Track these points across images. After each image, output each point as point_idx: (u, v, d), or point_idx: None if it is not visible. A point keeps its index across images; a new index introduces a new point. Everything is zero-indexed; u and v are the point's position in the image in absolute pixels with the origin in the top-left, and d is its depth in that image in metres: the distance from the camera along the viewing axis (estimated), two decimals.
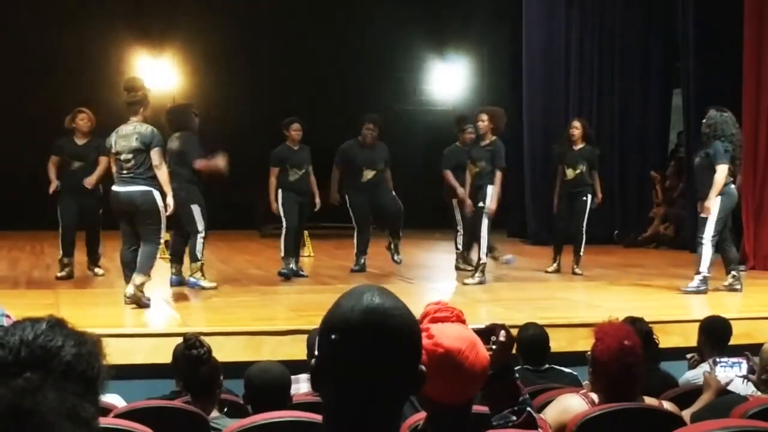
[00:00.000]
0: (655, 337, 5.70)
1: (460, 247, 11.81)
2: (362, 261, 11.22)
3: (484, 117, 10.34)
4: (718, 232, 9.59)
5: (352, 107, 14.20)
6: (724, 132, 9.64)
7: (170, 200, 8.13)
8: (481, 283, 10.12)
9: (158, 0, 15.40)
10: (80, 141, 10.29)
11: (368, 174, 11.19)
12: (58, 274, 10.06)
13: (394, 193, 11.24)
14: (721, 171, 9.51)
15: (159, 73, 16.19)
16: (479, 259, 10.31)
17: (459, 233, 11.74)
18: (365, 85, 16.76)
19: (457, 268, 11.63)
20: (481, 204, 10.26)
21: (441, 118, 18.28)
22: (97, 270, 10.54)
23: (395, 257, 11.11)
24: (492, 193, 10.20)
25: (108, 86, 15.25)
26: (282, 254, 10.31)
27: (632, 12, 15.60)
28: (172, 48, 16.15)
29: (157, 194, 8.08)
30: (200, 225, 9.49)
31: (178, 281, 9.75)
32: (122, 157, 8.20)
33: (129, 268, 8.12)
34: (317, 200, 10.83)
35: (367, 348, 1.76)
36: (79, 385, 2.03)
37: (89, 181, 10.05)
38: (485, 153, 10.28)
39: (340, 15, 16.48)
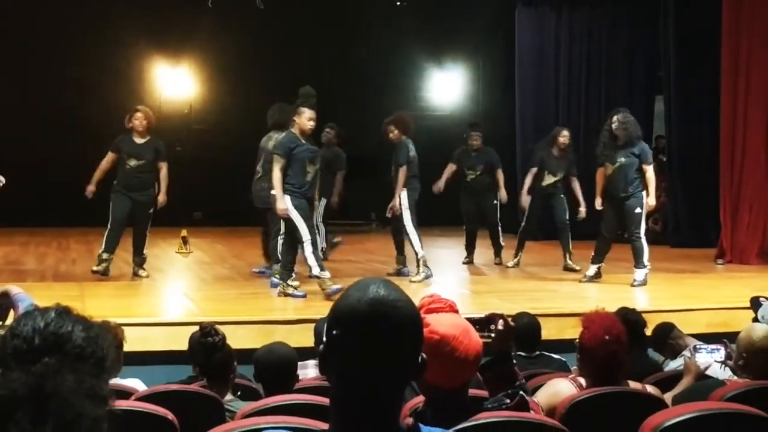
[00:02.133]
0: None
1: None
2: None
3: (391, 127, 10.47)
4: None
5: (356, 114, 14.24)
6: (638, 133, 9.75)
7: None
8: (427, 277, 9.76)
9: (176, 12, 15.38)
10: (139, 140, 9.71)
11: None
12: (94, 268, 9.52)
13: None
14: (652, 170, 9.77)
15: (176, 81, 16.18)
16: (416, 254, 10.00)
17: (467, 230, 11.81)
18: (368, 92, 16.76)
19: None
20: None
21: (439, 122, 18.27)
22: (141, 272, 9.84)
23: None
24: (397, 192, 10.19)
25: (129, 94, 15.28)
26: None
27: (618, 24, 15.62)
28: (188, 58, 16.14)
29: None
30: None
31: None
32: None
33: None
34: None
35: (372, 337, 1.76)
36: (92, 366, 2.04)
37: (162, 201, 9.69)
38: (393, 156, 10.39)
39: (345, 27, 16.47)
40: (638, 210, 9.64)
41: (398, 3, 17.17)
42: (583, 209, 11.25)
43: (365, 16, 16.52)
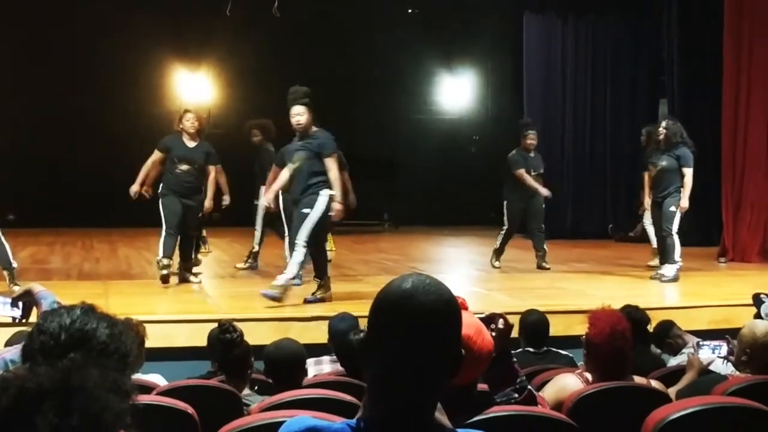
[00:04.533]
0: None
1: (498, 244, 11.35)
2: None
3: (255, 131, 10.34)
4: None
5: (368, 118, 14.26)
6: (685, 138, 9.75)
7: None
8: (252, 268, 9.53)
9: (195, 20, 15.41)
10: (190, 143, 9.17)
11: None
12: (164, 273, 8.85)
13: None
14: (691, 173, 9.75)
15: (195, 87, 16.21)
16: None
17: (501, 232, 11.39)
18: (380, 97, 16.78)
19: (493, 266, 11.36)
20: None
21: (449, 126, 18.30)
22: (192, 278, 9.30)
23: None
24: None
25: (149, 99, 15.34)
26: None
27: (622, 30, 15.61)
28: (207, 64, 16.18)
29: None
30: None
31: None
32: None
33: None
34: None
35: (409, 325, 1.77)
36: (116, 361, 2.05)
37: (208, 208, 9.35)
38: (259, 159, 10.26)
39: (358, 34, 16.49)
40: (672, 208, 9.73)
41: (409, 11, 17.18)
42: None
43: (377, 23, 16.54)
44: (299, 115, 7.97)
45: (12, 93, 14.93)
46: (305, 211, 7.80)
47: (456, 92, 18.26)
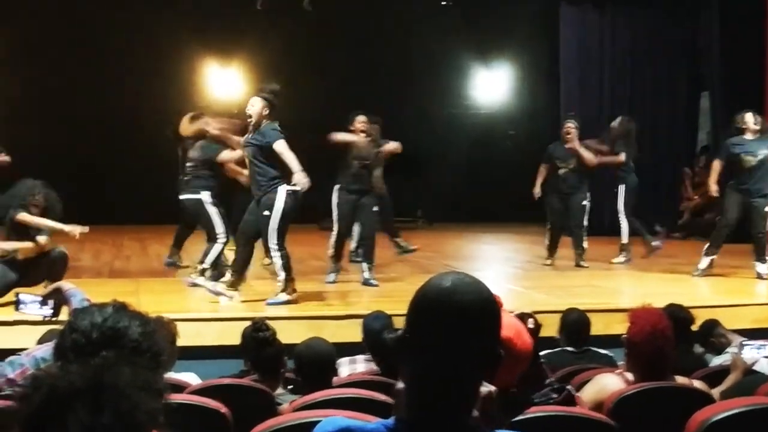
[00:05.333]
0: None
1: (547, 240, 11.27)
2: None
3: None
4: None
5: (401, 112, 14.24)
6: None
7: None
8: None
9: (225, 14, 15.48)
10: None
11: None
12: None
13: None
14: None
15: (226, 82, 16.26)
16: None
17: (547, 230, 11.27)
18: (413, 91, 16.76)
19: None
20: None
21: (485, 120, 18.24)
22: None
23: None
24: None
25: (179, 95, 15.40)
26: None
27: (661, 20, 15.46)
28: (238, 59, 16.23)
29: None
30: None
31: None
32: None
33: None
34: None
35: (446, 322, 1.78)
36: (148, 360, 2.06)
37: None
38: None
39: (391, 27, 16.47)
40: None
41: (443, 2, 17.14)
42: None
43: (411, 16, 16.52)
44: (252, 105, 7.90)
45: (43, 91, 15.09)
46: (266, 213, 7.72)
47: (491, 86, 18.19)
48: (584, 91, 15.36)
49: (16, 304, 4.11)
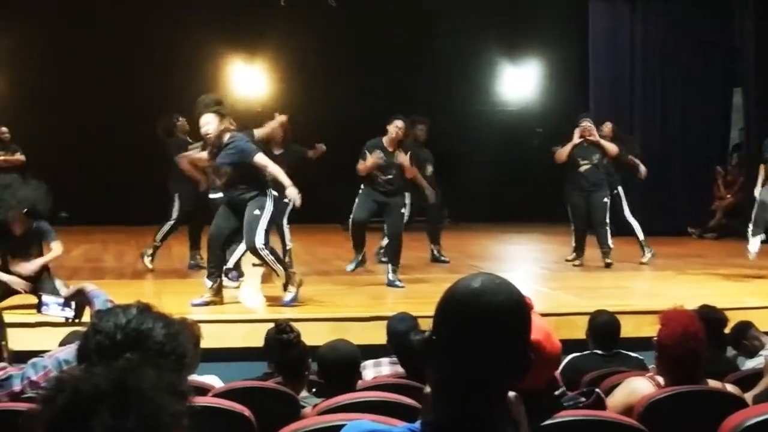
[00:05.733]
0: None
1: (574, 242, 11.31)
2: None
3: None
4: None
5: (428, 110, 14.15)
6: None
7: None
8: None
9: (250, 11, 15.52)
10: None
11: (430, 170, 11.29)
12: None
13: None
14: None
15: (249, 80, 16.31)
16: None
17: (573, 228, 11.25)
18: (440, 87, 16.74)
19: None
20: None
21: (511, 118, 18.18)
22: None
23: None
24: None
25: (203, 92, 15.44)
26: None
27: (693, 14, 15.35)
28: (262, 56, 16.27)
29: None
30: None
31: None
32: None
33: None
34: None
35: (472, 327, 1.77)
36: (172, 362, 2.07)
37: None
38: None
39: (417, 23, 16.45)
40: None
41: None
42: None
43: (437, 12, 16.49)
44: (208, 124, 7.66)
45: (66, 90, 15.19)
46: (256, 213, 7.68)
47: (519, 83, 18.14)
48: (614, 88, 15.28)
49: (38, 305, 4.14)
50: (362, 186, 9.50)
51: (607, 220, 10.86)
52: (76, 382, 1.53)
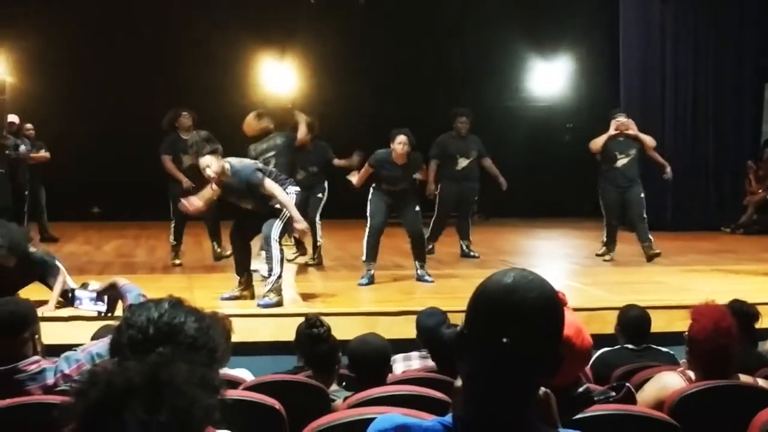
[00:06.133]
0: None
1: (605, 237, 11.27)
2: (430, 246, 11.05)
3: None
4: None
5: (458, 105, 14.12)
6: None
7: None
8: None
9: (280, 8, 15.56)
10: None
11: (462, 163, 11.29)
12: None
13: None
14: None
15: (280, 76, 16.35)
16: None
17: (605, 223, 11.19)
18: (469, 83, 16.69)
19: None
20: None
21: (541, 114, 18.10)
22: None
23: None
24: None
25: (234, 88, 15.52)
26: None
27: (725, 9, 15.24)
28: (292, 53, 16.30)
29: None
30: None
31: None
32: None
33: None
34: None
35: (504, 323, 1.77)
36: (204, 356, 2.08)
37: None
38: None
39: (446, 18, 16.43)
40: None
41: None
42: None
43: (467, 7, 16.47)
44: (208, 167, 7.53)
45: (99, 85, 15.29)
46: (278, 206, 7.65)
47: (548, 78, 18.05)
48: (645, 82, 15.18)
49: (72, 299, 4.17)
50: (372, 189, 9.40)
51: (645, 215, 10.79)
52: (110, 375, 1.54)
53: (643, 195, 10.83)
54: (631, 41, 15.18)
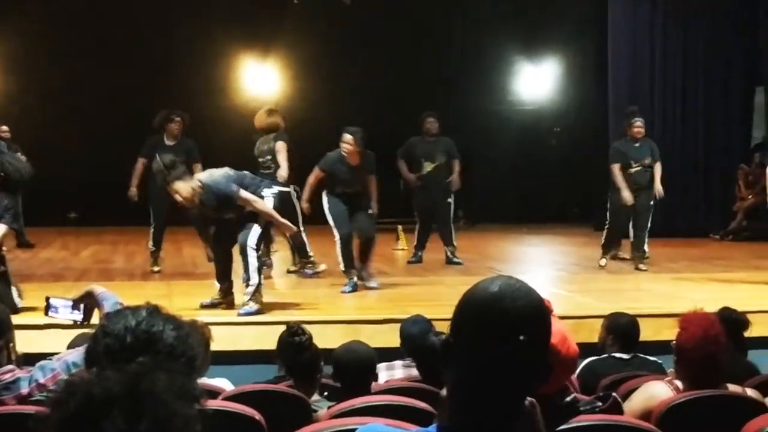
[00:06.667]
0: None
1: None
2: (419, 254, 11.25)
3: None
4: None
5: (444, 108, 14.17)
6: None
7: None
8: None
9: (264, 9, 15.57)
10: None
11: (427, 167, 11.25)
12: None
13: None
14: None
15: (263, 78, 16.35)
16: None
17: (605, 228, 11.26)
18: (457, 87, 16.72)
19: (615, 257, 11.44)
20: None
21: (529, 117, 18.15)
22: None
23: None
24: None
25: (217, 91, 15.52)
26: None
27: (715, 13, 15.31)
28: (276, 54, 16.30)
29: None
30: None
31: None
32: None
33: None
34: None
35: (490, 332, 1.77)
36: (183, 365, 2.07)
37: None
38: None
39: (432, 21, 16.46)
40: None
41: None
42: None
43: (453, 10, 16.51)
44: (180, 193, 7.61)
45: (77, 88, 15.25)
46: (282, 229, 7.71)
47: (536, 81, 18.10)
48: (634, 87, 15.22)
49: (46, 308, 4.15)
50: (326, 194, 9.24)
51: (649, 225, 10.81)
52: (88, 386, 1.53)
53: (653, 203, 10.83)
54: (619, 44, 15.24)
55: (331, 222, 9.16)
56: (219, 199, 7.58)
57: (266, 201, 7.68)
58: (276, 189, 7.88)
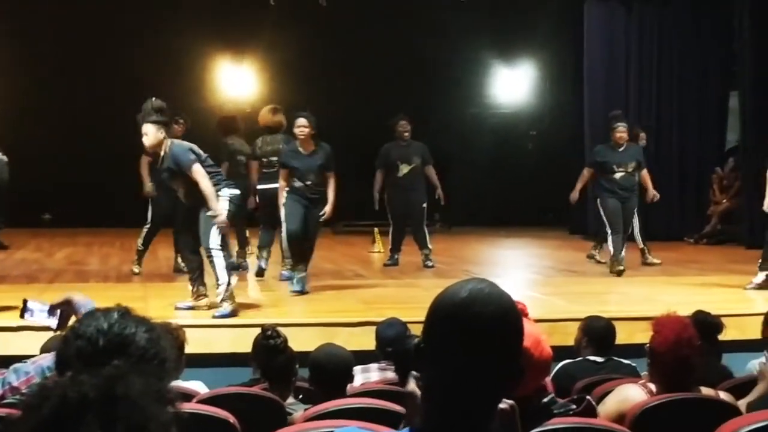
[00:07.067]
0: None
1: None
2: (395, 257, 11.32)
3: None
4: None
5: (420, 112, 14.21)
6: None
7: None
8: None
9: (239, 11, 15.53)
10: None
11: (404, 169, 11.25)
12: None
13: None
14: None
15: (238, 80, 16.32)
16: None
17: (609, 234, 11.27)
18: (433, 89, 16.75)
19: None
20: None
21: (505, 120, 18.21)
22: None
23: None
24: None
25: (191, 92, 15.46)
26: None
27: (690, 18, 15.41)
28: (251, 56, 16.27)
29: None
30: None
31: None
32: None
33: None
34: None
35: (461, 338, 1.76)
36: (155, 368, 2.06)
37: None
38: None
39: (409, 23, 16.46)
40: None
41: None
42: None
43: (429, 13, 16.52)
44: (146, 135, 7.62)
45: (50, 90, 15.18)
46: (208, 214, 7.55)
47: (512, 85, 18.16)
48: (609, 90, 15.30)
49: (22, 310, 4.11)
50: (287, 192, 9.12)
51: (629, 231, 10.92)
52: (63, 389, 1.52)
53: (636, 209, 10.91)
54: (595, 49, 15.30)
55: (282, 216, 9.09)
56: (177, 164, 7.54)
57: (221, 201, 7.62)
58: (235, 192, 7.77)
